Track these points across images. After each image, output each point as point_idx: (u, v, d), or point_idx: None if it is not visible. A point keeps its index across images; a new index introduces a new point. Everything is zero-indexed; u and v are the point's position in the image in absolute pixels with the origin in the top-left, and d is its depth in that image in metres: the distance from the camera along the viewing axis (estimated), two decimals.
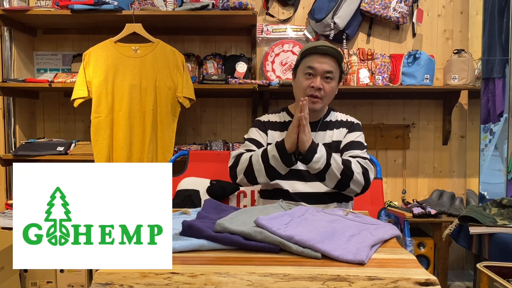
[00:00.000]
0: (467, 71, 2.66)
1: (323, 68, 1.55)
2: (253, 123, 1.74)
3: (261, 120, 1.72)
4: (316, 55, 1.56)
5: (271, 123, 1.69)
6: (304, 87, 1.58)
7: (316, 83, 1.55)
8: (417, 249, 2.65)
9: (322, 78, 1.56)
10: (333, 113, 1.71)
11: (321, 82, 1.55)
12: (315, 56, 1.56)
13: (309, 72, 1.56)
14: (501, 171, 2.61)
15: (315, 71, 1.55)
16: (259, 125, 1.70)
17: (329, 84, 1.57)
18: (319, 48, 1.56)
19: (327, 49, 1.55)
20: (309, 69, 1.56)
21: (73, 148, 2.61)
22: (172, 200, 1.95)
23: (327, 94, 1.58)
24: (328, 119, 1.68)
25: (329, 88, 1.57)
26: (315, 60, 1.56)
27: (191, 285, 0.79)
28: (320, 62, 1.55)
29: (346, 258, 0.87)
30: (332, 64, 1.56)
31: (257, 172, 1.47)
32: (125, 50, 2.41)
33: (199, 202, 1.98)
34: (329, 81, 1.56)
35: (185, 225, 0.98)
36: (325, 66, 1.55)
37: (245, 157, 1.53)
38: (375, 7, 2.74)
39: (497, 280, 1.46)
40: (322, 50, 1.55)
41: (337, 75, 1.59)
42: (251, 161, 1.49)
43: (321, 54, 1.56)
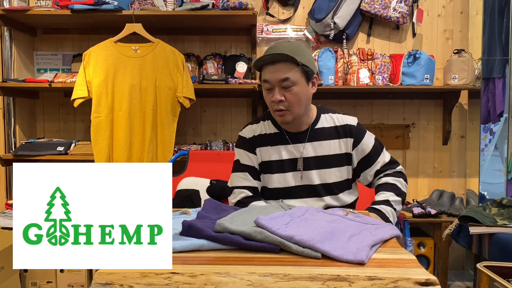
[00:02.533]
0: (467, 71, 2.66)
1: (276, 77, 1.38)
2: (237, 141, 1.59)
3: (246, 137, 1.56)
4: (266, 65, 1.41)
5: (258, 138, 1.54)
6: (268, 103, 1.45)
7: (275, 96, 1.39)
8: (417, 249, 2.65)
9: (281, 88, 1.39)
10: (324, 116, 1.54)
11: (280, 93, 1.39)
12: (267, 66, 1.41)
13: (266, 87, 1.42)
14: (501, 171, 2.61)
15: (270, 83, 1.40)
16: (246, 145, 1.55)
17: (290, 92, 1.39)
18: (264, 58, 1.40)
19: (273, 57, 1.38)
20: (265, 83, 1.42)
21: (73, 148, 2.61)
22: (172, 200, 1.95)
23: (292, 102, 1.40)
24: (319, 126, 1.52)
25: (291, 96, 1.40)
26: (267, 71, 1.40)
27: (191, 285, 0.79)
28: (271, 72, 1.39)
29: (346, 258, 0.86)
30: (285, 70, 1.37)
31: None
32: (125, 50, 2.41)
33: (199, 202, 1.98)
34: (289, 89, 1.39)
35: (185, 225, 0.98)
36: (277, 75, 1.38)
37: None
38: (375, 7, 2.74)
39: (497, 280, 1.46)
40: (268, 60, 1.39)
41: (298, 77, 1.39)
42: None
43: (270, 63, 1.40)
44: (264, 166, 1.54)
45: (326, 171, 1.50)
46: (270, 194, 1.54)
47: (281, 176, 1.51)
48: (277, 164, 1.52)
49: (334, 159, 1.50)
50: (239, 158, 1.56)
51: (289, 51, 1.37)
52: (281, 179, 1.51)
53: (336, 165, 1.51)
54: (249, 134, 1.56)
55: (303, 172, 1.50)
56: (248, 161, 1.54)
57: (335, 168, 1.51)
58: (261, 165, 1.54)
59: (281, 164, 1.51)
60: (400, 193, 1.47)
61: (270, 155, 1.52)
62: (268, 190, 1.54)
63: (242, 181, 1.53)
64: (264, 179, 1.54)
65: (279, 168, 1.51)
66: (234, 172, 1.56)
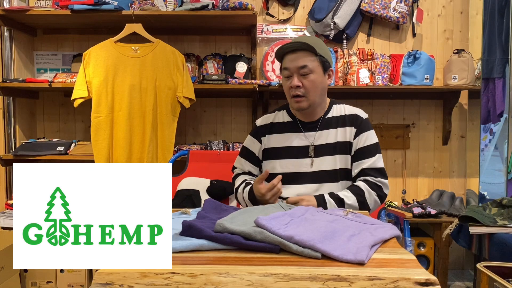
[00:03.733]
0: (467, 71, 2.66)
1: (295, 65, 1.51)
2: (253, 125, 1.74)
3: (257, 124, 1.70)
4: (288, 54, 1.54)
5: (270, 126, 1.66)
6: (286, 89, 1.57)
7: (293, 82, 1.51)
8: (417, 249, 2.65)
9: (300, 76, 1.51)
10: (336, 106, 1.63)
11: (298, 79, 1.51)
12: (287, 56, 1.54)
13: (286, 74, 1.55)
14: (501, 171, 2.61)
15: (290, 71, 1.53)
16: (254, 131, 1.70)
17: (307, 79, 1.51)
18: (286, 47, 1.53)
19: (293, 45, 1.52)
20: (285, 70, 1.55)
21: (73, 148, 2.61)
22: (172, 200, 1.95)
23: (309, 89, 1.52)
24: (329, 116, 1.61)
25: (309, 82, 1.51)
26: (288, 60, 1.53)
27: (191, 285, 0.79)
28: (291, 60, 1.52)
29: (346, 258, 0.86)
30: (305, 58, 1.50)
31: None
32: (125, 50, 2.41)
33: (199, 202, 1.98)
34: (306, 76, 1.51)
35: (185, 225, 0.98)
36: (296, 63, 1.51)
37: (237, 189, 1.64)
38: (375, 7, 2.74)
39: (497, 280, 1.46)
40: (289, 48, 1.52)
41: (316, 66, 1.52)
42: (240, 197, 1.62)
43: (290, 52, 1.53)
44: (270, 152, 1.63)
45: (333, 157, 1.56)
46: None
47: (292, 162, 1.58)
48: (287, 150, 1.60)
49: (339, 146, 1.57)
50: (245, 142, 1.72)
51: (309, 42, 1.50)
52: (291, 164, 1.58)
53: (341, 152, 1.56)
54: (261, 122, 1.70)
55: (314, 159, 1.56)
56: (250, 146, 1.68)
57: (340, 155, 1.56)
58: (266, 151, 1.65)
59: (292, 150, 1.59)
60: (361, 201, 1.48)
61: (280, 142, 1.62)
62: (275, 175, 1.55)
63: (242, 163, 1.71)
64: (272, 164, 1.61)
65: (289, 154, 1.59)
66: (239, 154, 1.74)
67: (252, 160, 1.68)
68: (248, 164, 1.68)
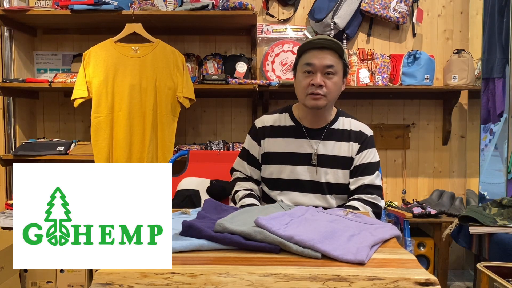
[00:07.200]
0: (467, 71, 2.66)
1: (322, 63, 1.42)
2: (251, 127, 1.67)
3: (256, 126, 1.62)
4: (313, 50, 1.44)
5: (269, 128, 1.58)
6: (304, 86, 1.46)
7: (316, 80, 1.42)
8: (417, 249, 2.65)
9: (323, 74, 1.43)
10: (342, 119, 1.57)
11: (322, 78, 1.43)
12: (313, 51, 1.44)
13: (308, 70, 1.44)
14: (501, 171, 2.61)
15: (314, 67, 1.43)
16: (253, 132, 1.62)
17: (331, 80, 1.44)
18: (315, 42, 1.44)
19: (324, 42, 1.43)
20: (307, 66, 1.44)
21: (73, 148, 2.61)
22: (172, 200, 1.95)
23: (331, 90, 1.45)
24: (335, 127, 1.54)
25: (332, 84, 1.44)
26: (313, 56, 1.43)
27: (191, 285, 0.79)
28: (319, 57, 1.43)
29: (346, 258, 0.86)
30: (332, 58, 1.43)
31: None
32: (125, 50, 2.41)
33: (199, 202, 1.98)
34: (331, 76, 1.44)
35: (185, 225, 0.98)
36: (324, 61, 1.42)
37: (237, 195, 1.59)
38: (375, 7, 2.74)
39: (497, 280, 1.46)
40: (320, 44, 1.43)
41: (340, 69, 1.46)
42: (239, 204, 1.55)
43: (318, 48, 1.43)
44: (269, 156, 1.56)
45: (335, 171, 1.51)
46: (278, 184, 1.54)
47: (293, 168, 1.52)
48: (289, 155, 1.53)
49: (342, 161, 1.52)
50: (245, 144, 1.65)
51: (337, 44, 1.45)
52: (291, 170, 1.52)
53: (343, 167, 1.52)
54: (260, 123, 1.61)
55: (317, 168, 1.51)
56: (250, 148, 1.61)
57: (342, 169, 1.52)
58: (265, 155, 1.57)
59: (295, 157, 1.53)
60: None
61: (282, 147, 1.54)
62: (274, 180, 1.54)
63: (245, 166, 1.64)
64: (271, 169, 1.55)
65: (291, 160, 1.53)
66: (238, 156, 1.68)
67: (254, 164, 1.62)
68: (250, 167, 1.62)
